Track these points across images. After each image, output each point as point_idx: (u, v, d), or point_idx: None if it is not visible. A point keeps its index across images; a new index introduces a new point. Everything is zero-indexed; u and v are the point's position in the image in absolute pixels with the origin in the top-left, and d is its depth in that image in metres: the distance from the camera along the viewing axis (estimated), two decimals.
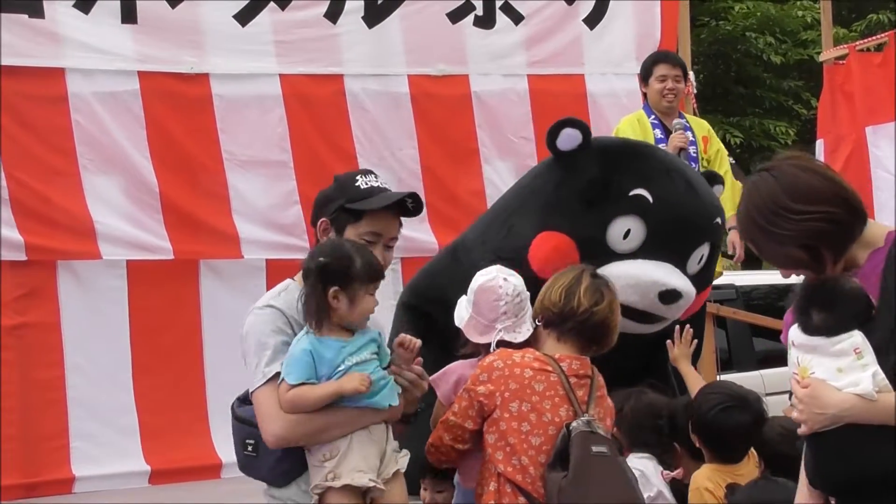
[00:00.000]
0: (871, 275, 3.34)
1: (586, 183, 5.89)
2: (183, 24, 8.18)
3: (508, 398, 4.39)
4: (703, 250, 5.99)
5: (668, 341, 5.92)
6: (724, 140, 17.34)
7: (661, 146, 7.63)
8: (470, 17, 8.87)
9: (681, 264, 5.86)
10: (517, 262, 5.68)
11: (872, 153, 8.24)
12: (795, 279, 3.59)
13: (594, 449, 4.31)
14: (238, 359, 8.08)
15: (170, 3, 8.13)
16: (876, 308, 3.36)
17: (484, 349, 4.75)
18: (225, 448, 8.01)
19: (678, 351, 5.87)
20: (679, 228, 5.84)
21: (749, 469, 5.03)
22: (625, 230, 5.77)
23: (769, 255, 3.43)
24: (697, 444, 5.08)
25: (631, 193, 5.80)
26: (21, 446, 7.59)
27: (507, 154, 9.04)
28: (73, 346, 7.81)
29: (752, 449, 5.10)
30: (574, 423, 4.36)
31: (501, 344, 4.73)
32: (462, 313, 4.94)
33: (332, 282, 4.37)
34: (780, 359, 7.06)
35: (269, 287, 8.23)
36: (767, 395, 6.73)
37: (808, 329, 3.41)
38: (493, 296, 4.85)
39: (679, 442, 5.32)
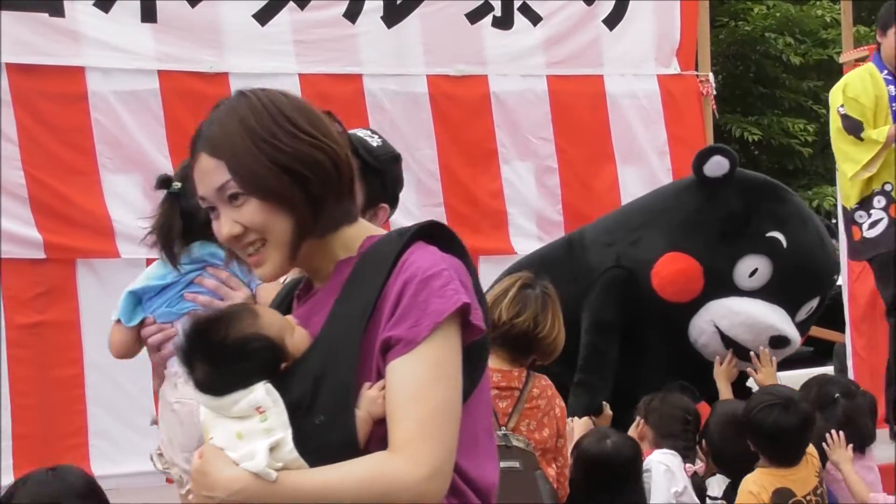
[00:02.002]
0: (334, 293, 2.54)
1: (726, 214, 5.98)
2: (202, 23, 8.19)
3: None
4: (815, 302, 6.10)
5: (717, 357, 5.98)
6: (741, 138, 17.35)
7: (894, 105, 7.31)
8: (488, 18, 8.87)
9: (792, 311, 5.99)
10: (637, 273, 5.84)
11: None
12: None
13: (503, 464, 4.27)
14: None
15: (189, 2, 8.14)
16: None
17: None
18: None
19: (723, 369, 5.92)
20: (803, 277, 5.97)
21: (805, 473, 4.99)
22: (753, 268, 5.87)
23: (246, 174, 2.49)
24: (753, 448, 5.06)
25: (767, 234, 5.88)
26: (40, 444, 7.60)
27: (526, 155, 9.03)
28: (92, 344, 7.81)
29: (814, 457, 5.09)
30: None
31: None
32: None
33: None
34: (799, 362, 7.11)
35: None
36: None
37: (197, 385, 2.54)
38: None
39: (702, 444, 5.35)
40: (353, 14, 8.53)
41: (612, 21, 9.18)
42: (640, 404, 5.55)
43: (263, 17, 8.33)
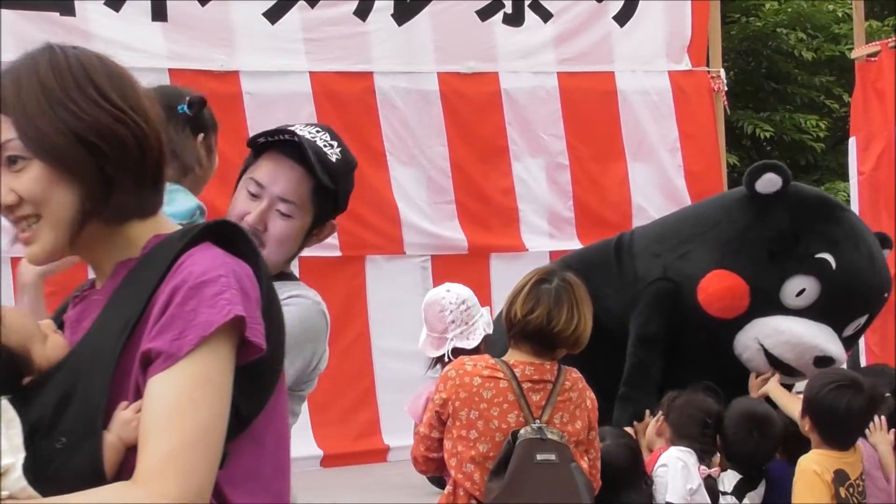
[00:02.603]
0: (107, 297, 2.24)
1: (776, 233, 5.94)
2: (213, 21, 8.21)
3: (459, 406, 4.40)
4: (863, 319, 6.09)
5: (753, 372, 5.98)
6: (753, 134, 17.32)
7: None
8: (499, 15, 8.87)
9: (839, 329, 5.96)
10: (684, 287, 5.85)
11: None
12: None
13: (539, 457, 4.30)
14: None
15: (200, 0, 8.15)
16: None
17: (442, 363, 4.83)
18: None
19: (755, 383, 5.93)
20: (851, 298, 5.96)
21: (857, 458, 4.97)
22: (800, 288, 5.85)
23: (34, 134, 2.18)
24: (807, 428, 5.02)
25: (816, 256, 5.86)
26: None
27: (537, 151, 9.04)
28: None
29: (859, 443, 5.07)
30: (522, 431, 4.35)
31: (458, 352, 4.80)
32: (421, 336, 5.17)
33: None
34: None
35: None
36: None
37: None
38: (437, 308, 5.08)
39: (719, 446, 5.34)
40: (363, 12, 8.54)
41: (623, 18, 9.18)
42: (663, 399, 5.54)
43: (274, 15, 8.34)
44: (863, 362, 8.78)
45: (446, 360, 4.85)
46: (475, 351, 5.12)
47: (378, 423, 8.40)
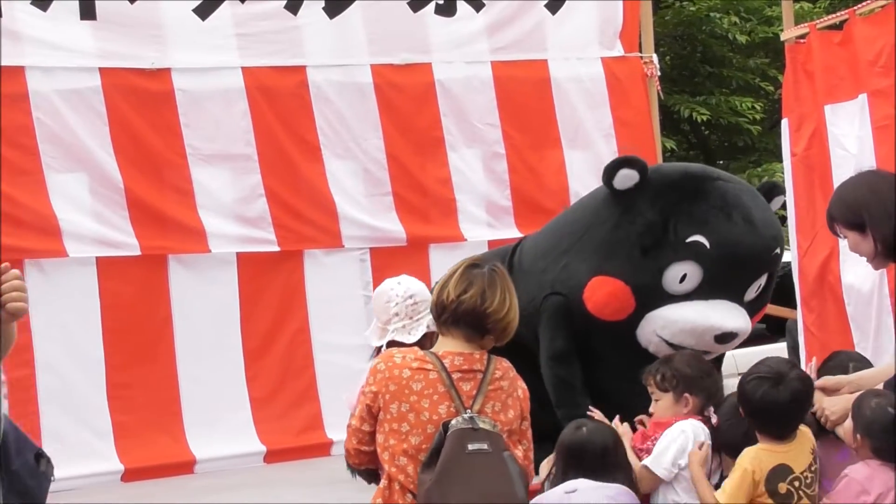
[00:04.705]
0: None
1: (643, 227, 5.92)
2: (143, 19, 8.16)
3: (389, 399, 4.41)
4: (761, 281, 6.08)
5: None
6: (690, 118, 17.40)
7: None
8: (431, 6, 8.86)
9: (738, 297, 5.94)
10: (572, 299, 5.86)
11: (831, 132, 8.24)
12: None
13: (471, 447, 4.30)
14: (210, 353, 8.17)
15: None
16: None
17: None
18: (197, 444, 8.02)
19: None
20: (737, 269, 5.94)
21: (802, 449, 4.93)
22: (681, 275, 5.85)
23: None
24: (744, 416, 5.00)
25: (688, 240, 5.83)
26: None
27: (473, 141, 9.05)
28: (43, 345, 7.78)
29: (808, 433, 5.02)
30: (453, 421, 4.35)
31: (393, 344, 4.88)
32: (371, 325, 5.22)
33: None
34: (752, 339, 7.14)
35: (240, 280, 8.41)
36: (740, 373, 6.76)
37: None
38: (384, 298, 5.11)
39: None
40: (294, 6, 8.50)
41: (555, 6, 9.19)
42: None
43: (204, 11, 8.29)
44: (801, 342, 8.84)
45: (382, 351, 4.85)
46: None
47: (321, 417, 8.38)
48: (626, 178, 5.94)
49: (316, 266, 8.53)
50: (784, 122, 8.90)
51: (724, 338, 5.84)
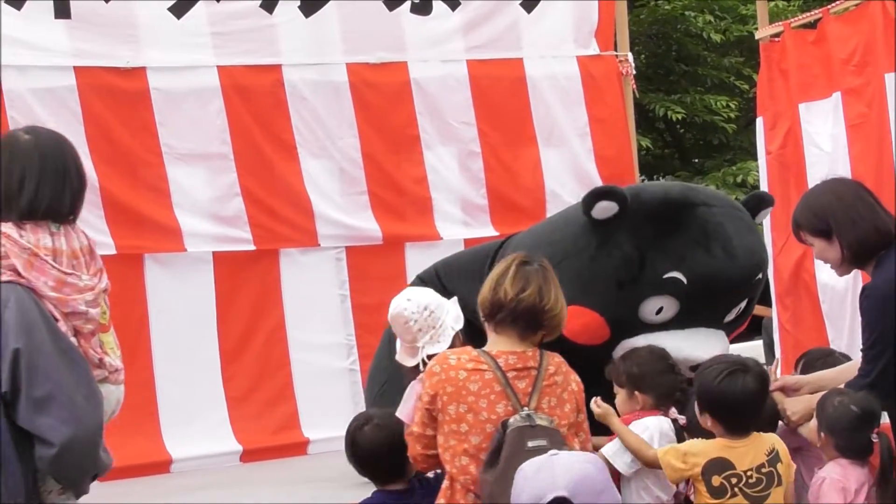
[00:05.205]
0: None
1: (620, 261, 5.81)
2: (118, 18, 8.13)
3: (446, 401, 4.42)
4: (741, 305, 6.05)
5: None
6: (665, 117, 17.44)
7: None
8: (407, 5, 8.87)
9: (716, 322, 5.91)
10: None
11: (805, 130, 8.29)
12: None
13: (530, 444, 4.30)
14: (187, 353, 8.15)
15: None
16: None
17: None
18: (173, 443, 8.00)
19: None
20: (715, 300, 5.87)
21: (753, 449, 4.92)
22: (657, 307, 5.79)
23: None
24: (710, 424, 4.98)
25: (665, 276, 5.78)
26: None
27: (448, 140, 9.05)
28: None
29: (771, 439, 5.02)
30: (511, 419, 4.36)
31: (432, 356, 4.82)
32: (396, 346, 5.15)
33: None
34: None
35: (216, 279, 8.40)
36: None
37: None
38: (402, 320, 5.04)
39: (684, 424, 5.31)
40: (270, 4, 8.49)
41: (530, 4, 9.20)
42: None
43: (179, 10, 8.27)
44: (776, 339, 8.89)
45: (421, 368, 4.84)
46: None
47: (297, 416, 8.37)
48: (605, 210, 5.87)
49: (292, 265, 8.53)
50: (759, 121, 8.95)
51: (699, 367, 5.85)
